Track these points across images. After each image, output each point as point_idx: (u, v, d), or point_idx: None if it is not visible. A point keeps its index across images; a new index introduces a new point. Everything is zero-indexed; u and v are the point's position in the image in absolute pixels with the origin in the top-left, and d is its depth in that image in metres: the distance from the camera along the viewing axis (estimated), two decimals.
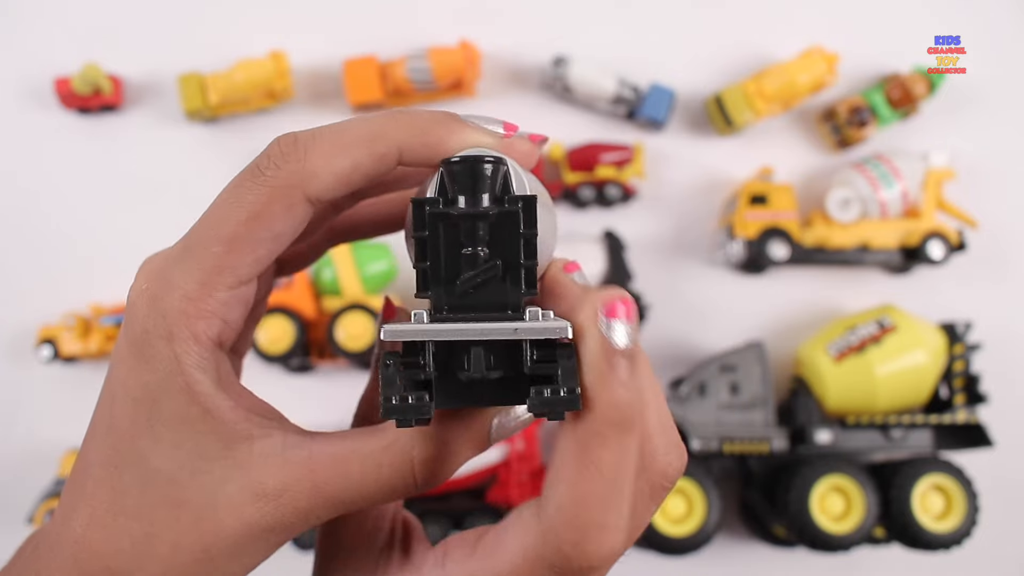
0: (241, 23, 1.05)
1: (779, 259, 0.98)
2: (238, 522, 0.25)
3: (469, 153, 0.26)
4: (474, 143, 0.27)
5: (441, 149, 0.27)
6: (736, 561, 1.00)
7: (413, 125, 0.27)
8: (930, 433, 0.93)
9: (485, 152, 0.27)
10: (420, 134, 0.27)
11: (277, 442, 0.26)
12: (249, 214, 0.26)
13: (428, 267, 0.25)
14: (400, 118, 0.27)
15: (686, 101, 1.04)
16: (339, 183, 0.26)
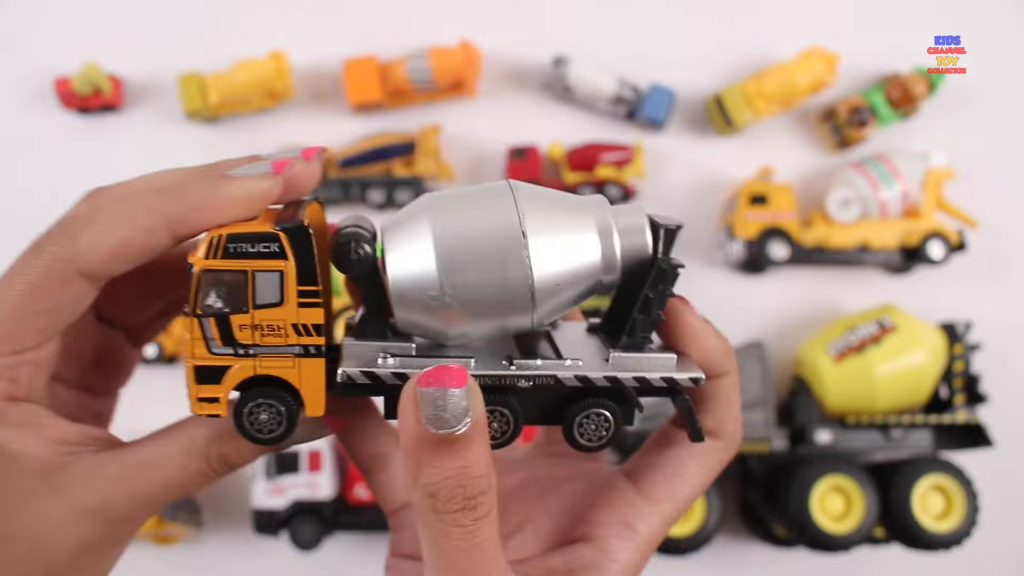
0: (241, 23, 1.05)
1: (779, 259, 0.98)
2: (70, 541, 0.28)
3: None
4: (240, 197, 0.28)
5: (209, 213, 0.28)
6: (736, 561, 1.00)
7: (176, 196, 0.28)
8: (930, 433, 0.93)
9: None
10: (182, 202, 0.28)
11: (90, 462, 0.29)
12: (26, 286, 0.28)
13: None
14: (166, 192, 0.28)
15: (686, 101, 1.04)
16: (112, 259, 0.28)
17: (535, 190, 0.31)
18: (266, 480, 0.94)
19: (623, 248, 0.30)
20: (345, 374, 0.29)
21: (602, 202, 0.31)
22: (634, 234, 0.30)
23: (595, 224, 0.30)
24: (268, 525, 0.94)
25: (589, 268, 0.30)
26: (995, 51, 1.01)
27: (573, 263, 0.29)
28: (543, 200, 0.30)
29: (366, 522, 0.95)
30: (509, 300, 0.29)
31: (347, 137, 1.04)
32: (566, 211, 0.30)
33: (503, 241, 0.29)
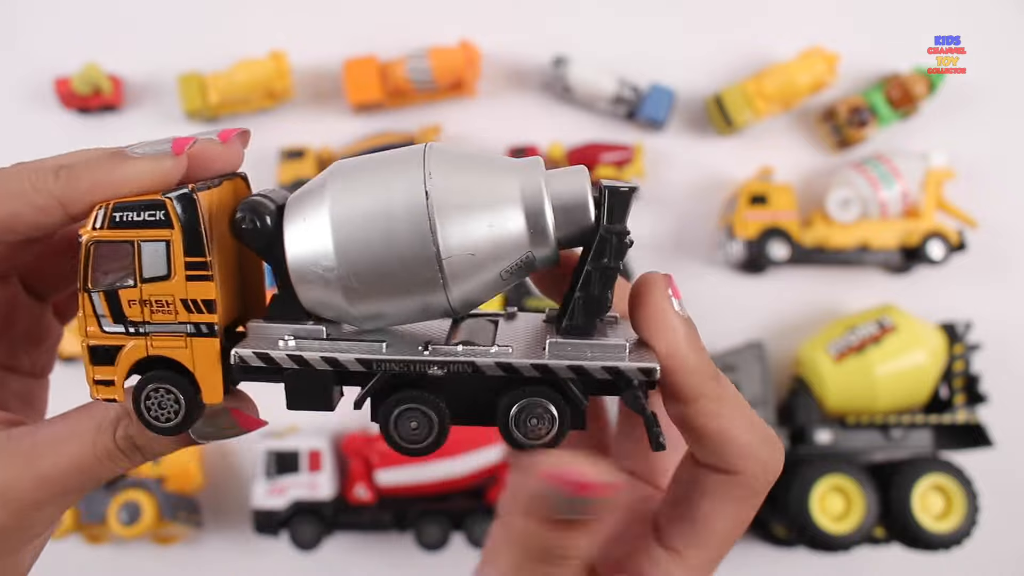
0: (241, 23, 1.05)
1: (779, 259, 0.98)
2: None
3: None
4: (136, 176, 0.27)
5: (104, 192, 0.27)
6: (736, 561, 1.00)
7: (70, 174, 0.27)
8: (930, 433, 0.93)
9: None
10: (75, 181, 0.27)
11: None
12: None
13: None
14: (61, 172, 0.27)
15: (686, 101, 1.04)
16: (2, 230, 0.27)
17: (453, 152, 0.27)
18: (266, 480, 0.94)
19: (556, 215, 0.26)
20: (238, 356, 0.27)
21: (535, 164, 0.27)
22: (569, 198, 0.26)
23: (519, 188, 0.26)
24: (268, 525, 0.94)
25: (513, 239, 0.26)
26: (995, 51, 1.01)
27: (491, 232, 0.26)
28: (460, 162, 0.26)
29: (366, 522, 0.95)
30: (413, 274, 0.26)
31: (347, 137, 1.04)
32: (486, 174, 0.26)
33: (406, 208, 0.25)
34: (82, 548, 0.97)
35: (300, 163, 1.00)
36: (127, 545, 0.99)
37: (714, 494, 0.28)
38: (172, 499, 0.92)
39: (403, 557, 0.99)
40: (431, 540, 0.94)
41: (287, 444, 0.94)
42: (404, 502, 0.95)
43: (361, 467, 0.95)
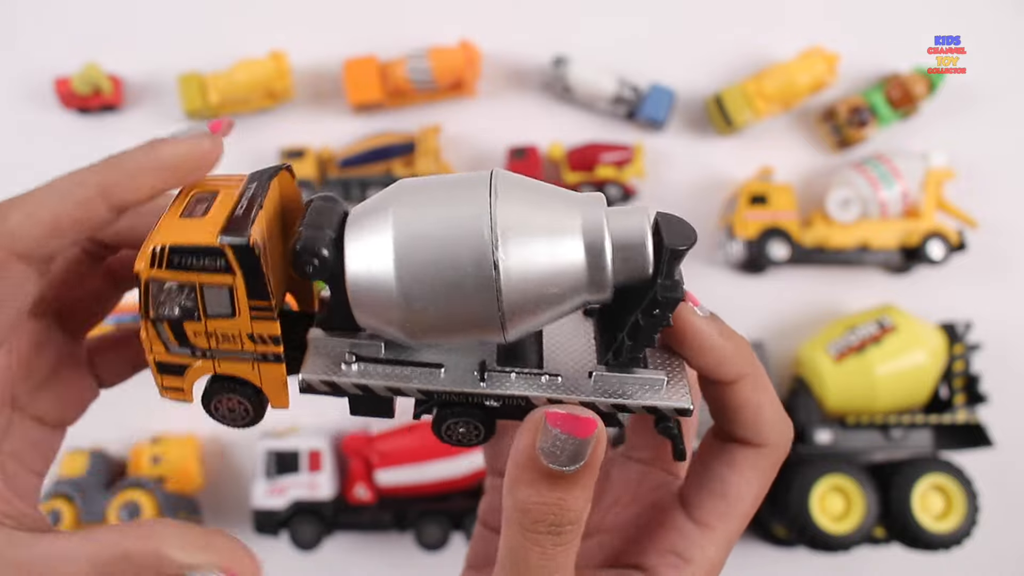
0: (241, 23, 1.05)
1: (779, 259, 0.98)
2: None
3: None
4: (174, 156, 0.27)
5: (146, 178, 0.27)
6: (736, 561, 0.99)
7: (109, 164, 0.27)
8: (930, 433, 0.93)
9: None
10: (115, 169, 0.27)
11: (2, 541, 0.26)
12: None
13: None
14: (100, 162, 0.27)
15: (686, 101, 1.04)
16: (46, 235, 0.26)
17: (518, 185, 0.27)
18: (266, 480, 0.94)
19: (615, 265, 0.26)
20: (305, 382, 0.28)
21: (598, 203, 0.26)
22: (631, 250, 0.26)
23: (582, 236, 0.25)
24: (268, 525, 0.94)
25: (572, 287, 0.26)
26: (995, 51, 1.01)
27: (552, 283, 0.25)
28: (524, 200, 0.26)
29: (366, 522, 0.95)
30: (476, 321, 0.26)
31: (347, 137, 1.04)
32: (551, 213, 0.26)
33: (471, 254, 0.25)
34: None
35: (300, 163, 1.00)
36: None
37: (744, 467, 0.30)
38: (172, 499, 0.92)
39: (403, 557, 0.99)
40: (431, 540, 0.94)
41: (287, 444, 0.94)
42: (404, 502, 0.95)
43: (361, 467, 0.95)
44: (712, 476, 0.31)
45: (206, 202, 0.28)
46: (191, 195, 0.29)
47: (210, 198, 0.28)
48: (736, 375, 0.29)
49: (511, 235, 0.25)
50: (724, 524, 0.31)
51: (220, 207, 0.27)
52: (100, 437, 0.97)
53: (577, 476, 0.26)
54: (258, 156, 1.03)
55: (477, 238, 0.25)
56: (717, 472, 0.31)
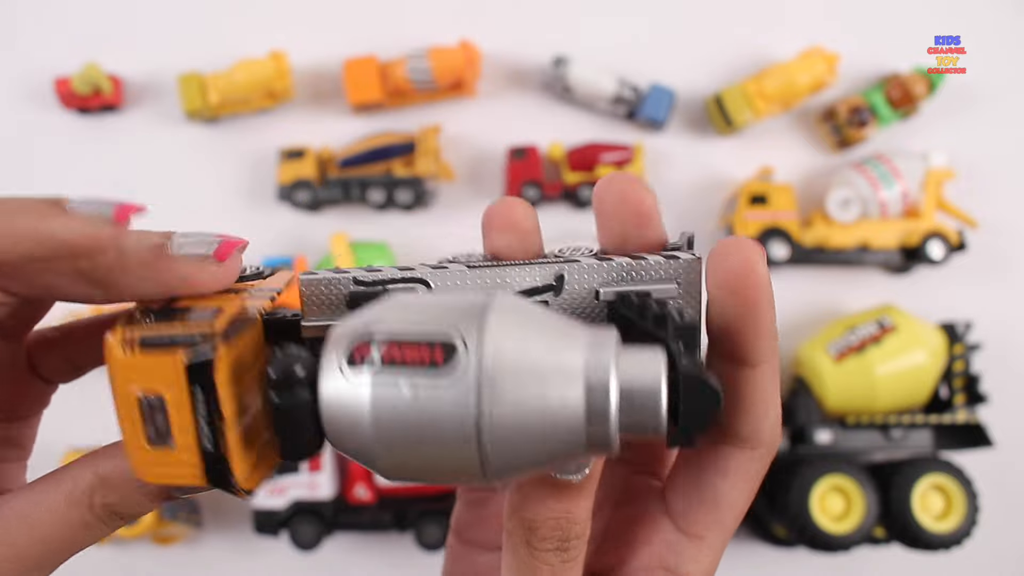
0: (241, 23, 1.05)
1: (779, 259, 0.98)
2: None
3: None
4: (67, 237, 0.23)
5: (30, 248, 0.23)
6: (736, 561, 1.00)
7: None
8: (930, 433, 0.93)
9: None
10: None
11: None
12: None
13: None
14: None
15: (686, 101, 1.04)
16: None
17: (515, 315, 0.22)
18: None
19: (621, 419, 0.22)
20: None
21: (608, 341, 0.22)
22: (641, 398, 0.21)
23: (583, 380, 0.21)
24: (268, 525, 0.94)
25: (568, 442, 0.22)
26: (995, 51, 1.01)
27: (543, 439, 0.22)
28: (519, 338, 0.22)
29: (366, 522, 0.95)
30: (457, 474, 0.23)
31: (347, 137, 1.04)
32: (549, 354, 0.22)
33: (453, 410, 0.21)
34: None
35: (300, 163, 1.00)
36: (127, 545, 0.99)
37: (735, 472, 0.28)
38: None
39: (403, 557, 0.99)
40: (431, 540, 0.94)
41: None
42: (404, 502, 0.95)
43: (361, 467, 0.95)
44: (702, 484, 0.28)
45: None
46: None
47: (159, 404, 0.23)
48: (762, 357, 0.26)
49: (497, 392, 0.21)
50: (715, 534, 0.29)
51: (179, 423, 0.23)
52: (99, 438, 0.97)
53: (583, 485, 0.25)
54: (258, 156, 1.03)
55: (460, 413, 0.21)
56: (707, 480, 0.28)
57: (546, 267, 0.26)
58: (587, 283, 0.26)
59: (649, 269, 0.25)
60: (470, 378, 0.21)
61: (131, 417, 0.22)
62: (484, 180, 1.04)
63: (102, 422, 0.44)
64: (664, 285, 0.25)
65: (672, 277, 0.25)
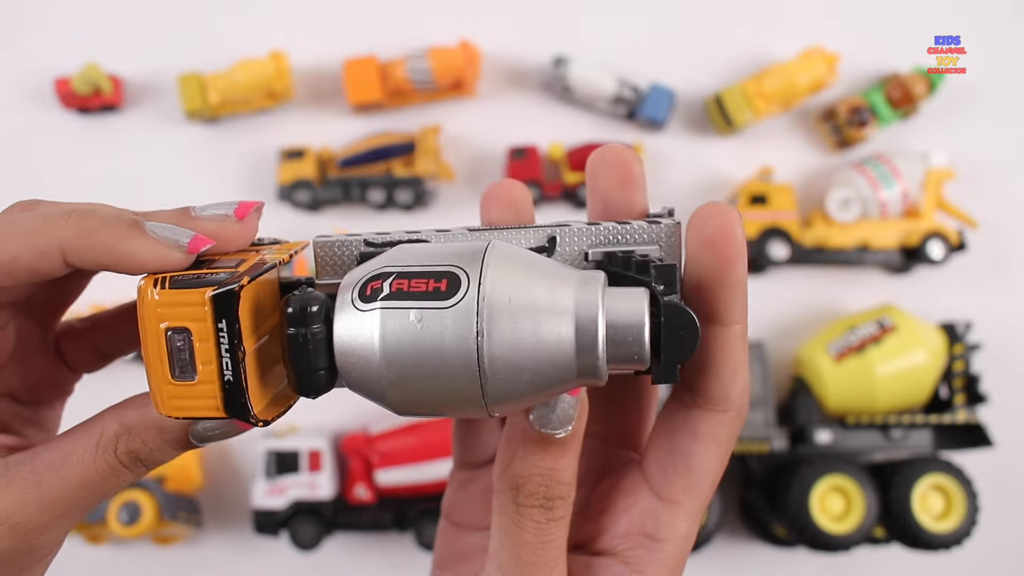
0: (241, 23, 1.05)
1: (779, 259, 0.98)
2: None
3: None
4: (143, 258, 0.25)
5: (109, 258, 0.25)
6: (736, 561, 1.00)
7: (81, 226, 0.25)
8: (930, 433, 0.93)
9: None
10: (86, 236, 0.25)
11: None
12: None
13: None
14: (72, 218, 0.26)
15: (686, 101, 1.04)
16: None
17: (511, 261, 0.24)
18: (266, 480, 0.94)
19: (609, 351, 0.24)
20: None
21: (596, 281, 0.24)
22: (625, 332, 0.24)
23: (574, 317, 0.23)
24: (268, 525, 0.94)
25: (560, 374, 0.24)
26: (995, 51, 1.01)
27: (539, 369, 0.23)
28: (516, 280, 0.24)
29: (366, 522, 0.95)
30: (461, 404, 0.24)
31: (347, 137, 1.04)
32: (543, 292, 0.24)
33: (456, 342, 0.23)
34: (82, 548, 0.97)
35: (300, 163, 1.00)
36: (127, 545, 0.99)
37: (707, 436, 0.29)
38: (172, 499, 0.92)
39: (403, 557, 0.99)
40: (431, 540, 0.94)
41: (287, 444, 0.94)
42: (404, 502, 0.95)
43: (361, 467, 0.95)
44: (676, 449, 0.29)
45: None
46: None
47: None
48: (738, 316, 0.27)
49: (496, 318, 0.23)
50: (691, 498, 0.29)
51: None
52: None
53: (568, 441, 0.27)
54: (258, 156, 1.03)
55: (460, 335, 0.23)
56: (681, 444, 0.29)
57: (539, 231, 0.28)
58: (577, 245, 0.28)
59: (634, 233, 0.27)
60: (471, 302, 0.23)
61: (158, 352, 0.24)
62: (484, 180, 1.04)
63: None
64: (647, 247, 0.27)
65: (655, 240, 0.27)
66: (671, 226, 0.27)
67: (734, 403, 0.29)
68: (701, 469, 0.29)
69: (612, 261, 0.27)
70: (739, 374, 0.28)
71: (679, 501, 0.29)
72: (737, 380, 0.28)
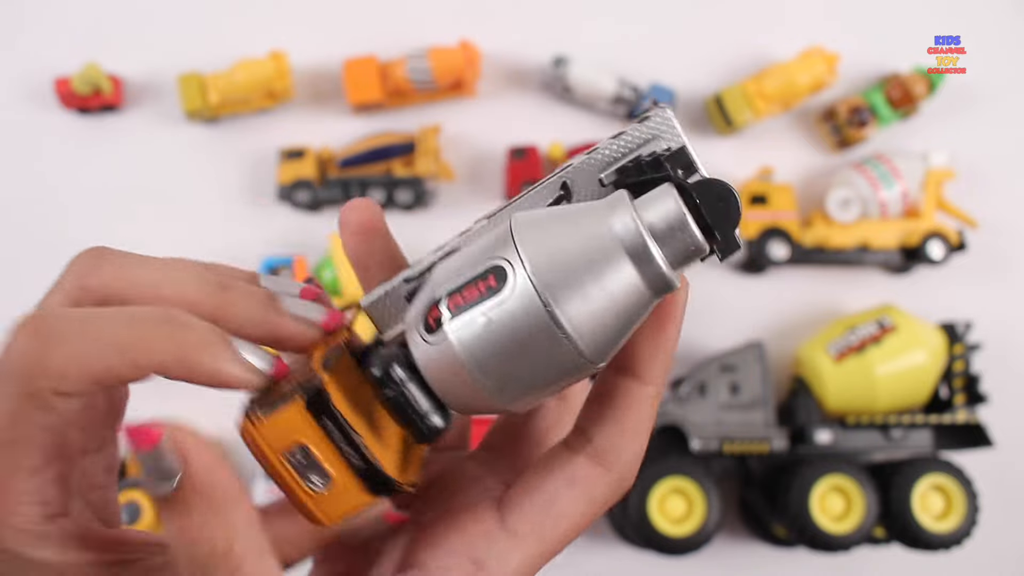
0: (241, 23, 1.05)
1: (779, 259, 0.98)
2: None
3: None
4: (226, 378, 0.24)
5: (204, 378, 0.23)
6: (736, 561, 1.00)
7: (177, 344, 0.23)
8: (930, 433, 0.93)
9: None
10: (180, 355, 0.23)
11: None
12: (7, 422, 0.23)
13: None
14: (165, 330, 0.23)
15: (686, 101, 1.04)
16: (89, 384, 0.23)
17: (537, 227, 0.25)
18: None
19: (669, 258, 0.24)
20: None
21: (621, 203, 0.24)
22: (675, 234, 0.24)
23: (623, 249, 0.24)
24: None
25: (638, 302, 0.24)
26: (995, 51, 1.01)
27: (619, 310, 0.24)
28: (551, 244, 0.24)
29: None
30: (568, 375, 0.25)
31: (347, 137, 1.04)
32: (582, 241, 0.24)
33: (532, 331, 0.24)
34: None
35: (300, 163, 1.00)
36: None
37: (581, 487, 0.27)
38: None
39: None
40: None
41: None
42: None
43: None
44: (543, 488, 0.27)
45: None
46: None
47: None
48: (657, 378, 0.27)
49: (552, 283, 0.23)
50: (535, 537, 0.27)
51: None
52: None
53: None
54: (258, 156, 1.03)
55: (532, 313, 0.24)
56: (550, 484, 0.27)
57: (548, 184, 0.27)
58: (588, 180, 0.27)
59: (631, 140, 0.27)
60: (524, 282, 0.24)
61: (289, 476, 0.24)
62: (484, 180, 1.04)
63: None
64: (652, 145, 0.27)
65: (654, 135, 0.27)
66: (661, 114, 0.27)
67: (622, 465, 0.27)
68: (559, 514, 0.27)
69: (627, 173, 0.27)
70: (638, 437, 0.27)
71: (523, 535, 0.27)
72: (635, 442, 0.27)
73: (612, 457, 0.27)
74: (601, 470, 0.27)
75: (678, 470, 0.90)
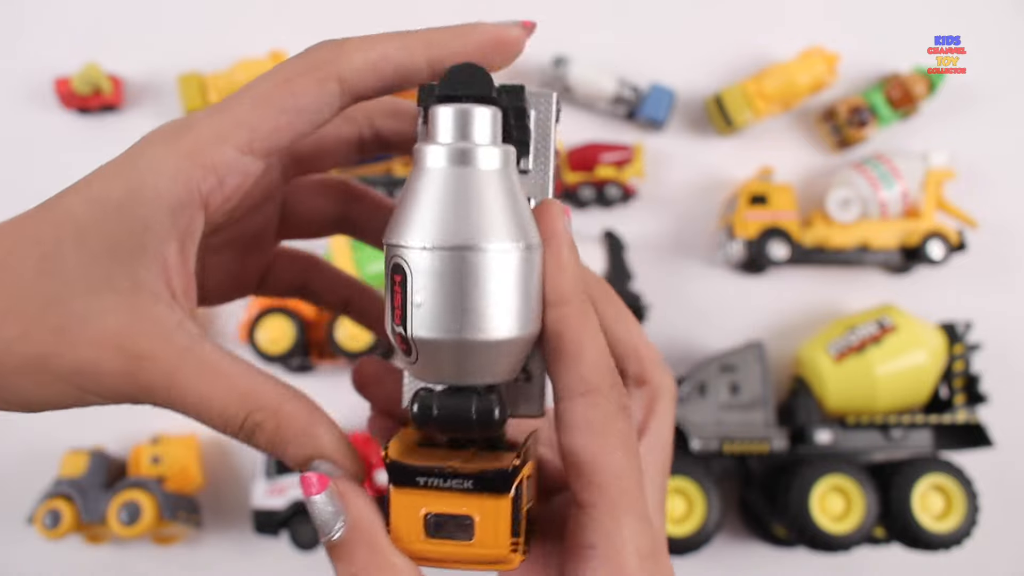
0: (241, 23, 1.05)
1: (779, 259, 0.98)
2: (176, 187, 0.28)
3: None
4: (482, 40, 0.31)
5: (453, 54, 0.30)
6: (736, 561, 1.00)
7: (432, 35, 0.31)
8: (930, 433, 0.93)
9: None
10: (435, 44, 0.32)
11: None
12: (281, 79, 0.27)
13: None
14: (420, 32, 0.31)
15: (686, 101, 1.04)
16: (369, 68, 0.29)
17: (401, 225, 0.27)
18: (266, 480, 0.94)
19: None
20: None
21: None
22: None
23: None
24: (268, 525, 0.94)
25: (481, 178, 0.28)
26: (995, 51, 1.01)
27: (479, 197, 0.27)
28: (406, 216, 0.27)
29: None
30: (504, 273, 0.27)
31: None
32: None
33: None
34: (82, 548, 0.97)
35: None
36: (127, 545, 0.99)
37: (578, 426, 0.27)
38: (172, 499, 0.92)
39: None
40: None
41: None
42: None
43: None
44: (565, 450, 0.27)
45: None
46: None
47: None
48: (568, 297, 0.27)
49: (434, 235, 0.26)
50: (600, 496, 0.27)
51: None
52: (100, 437, 0.97)
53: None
54: None
55: (435, 259, 0.26)
56: (563, 442, 0.27)
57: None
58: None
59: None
60: (414, 253, 0.26)
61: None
62: None
63: (100, 421, 0.44)
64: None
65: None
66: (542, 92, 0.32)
67: (588, 383, 0.26)
68: (591, 463, 0.26)
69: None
70: (583, 352, 0.26)
71: (592, 504, 0.26)
72: (582, 359, 0.26)
73: (579, 384, 0.27)
74: (578, 399, 0.27)
75: (678, 470, 0.90)
